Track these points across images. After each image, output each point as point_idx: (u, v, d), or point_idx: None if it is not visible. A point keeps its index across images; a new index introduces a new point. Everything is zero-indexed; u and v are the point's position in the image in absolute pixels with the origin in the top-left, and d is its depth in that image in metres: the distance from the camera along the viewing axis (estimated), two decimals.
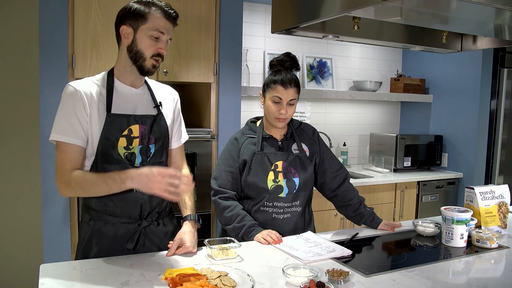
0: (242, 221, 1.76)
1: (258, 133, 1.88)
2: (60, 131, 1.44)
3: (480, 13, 1.57)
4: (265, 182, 1.81)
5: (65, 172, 1.43)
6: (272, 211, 1.82)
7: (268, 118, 1.86)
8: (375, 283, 1.33)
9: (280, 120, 1.81)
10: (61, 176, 1.44)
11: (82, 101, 1.44)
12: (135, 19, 1.46)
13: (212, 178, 1.88)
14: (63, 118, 1.44)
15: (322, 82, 3.83)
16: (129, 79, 1.54)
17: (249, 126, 1.93)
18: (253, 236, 1.72)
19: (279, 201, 1.82)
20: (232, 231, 1.79)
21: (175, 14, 1.51)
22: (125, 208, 1.52)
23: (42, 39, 2.29)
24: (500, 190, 1.94)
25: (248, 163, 1.83)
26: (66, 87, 1.46)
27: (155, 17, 1.46)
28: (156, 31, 1.46)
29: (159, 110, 1.60)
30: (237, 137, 1.90)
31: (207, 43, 2.71)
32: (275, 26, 1.83)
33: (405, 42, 2.07)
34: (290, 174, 1.84)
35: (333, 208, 2.06)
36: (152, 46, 1.47)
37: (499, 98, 3.64)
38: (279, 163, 1.83)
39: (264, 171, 1.81)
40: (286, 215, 1.84)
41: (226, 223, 1.81)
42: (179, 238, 1.54)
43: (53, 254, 2.37)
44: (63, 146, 1.44)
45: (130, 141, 1.50)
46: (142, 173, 1.33)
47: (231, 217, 1.78)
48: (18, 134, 2.87)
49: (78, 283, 1.28)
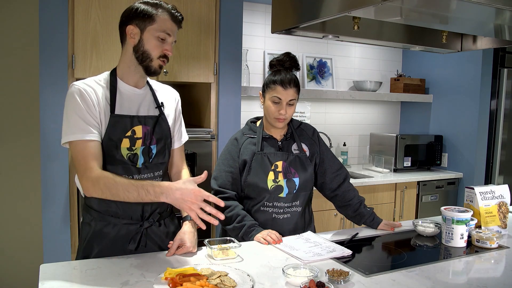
0: (242, 221, 1.76)
1: (258, 133, 1.88)
2: (74, 130, 1.41)
3: (480, 13, 1.57)
4: (265, 182, 1.81)
5: (92, 170, 1.38)
6: (272, 211, 1.82)
7: (267, 118, 1.86)
8: (375, 283, 1.33)
9: (279, 120, 1.81)
10: (87, 174, 1.39)
11: (90, 98, 1.43)
12: (143, 19, 1.46)
13: (212, 178, 1.88)
14: (75, 117, 1.41)
15: (322, 82, 3.83)
16: (133, 79, 1.54)
17: (249, 126, 1.93)
18: (253, 236, 1.72)
19: (279, 201, 1.82)
20: (232, 231, 1.79)
21: (181, 17, 1.52)
22: (127, 209, 1.52)
23: (42, 39, 2.29)
24: (500, 190, 1.94)
25: (248, 163, 1.83)
26: (71, 87, 1.45)
27: (162, 19, 1.47)
28: (163, 32, 1.47)
29: (161, 110, 1.60)
30: (237, 137, 1.90)
31: (207, 43, 2.71)
32: (275, 26, 1.83)
33: (405, 42, 2.07)
34: (290, 174, 1.84)
35: (333, 208, 2.06)
36: (158, 47, 1.48)
37: (499, 98, 3.64)
38: (279, 163, 1.83)
39: (264, 171, 1.81)
40: (286, 215, 1.84)
41: (226, 223, 1.81)
42: (179, 238, 1.54)
43: (53, 254, 2.37)
44: (80, 144, 1.40)
45: (133, 142, 1.50)
46: (176, 189, 1.34)
47: (231, 217, 1.78)
48: (18, 134, 2.87)
49: (78, 283, 1.28)
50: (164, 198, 1.35)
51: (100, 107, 1.45)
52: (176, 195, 1.34)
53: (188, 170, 1.76)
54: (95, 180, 1.38)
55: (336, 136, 3.99)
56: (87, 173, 1.39)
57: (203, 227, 1.39)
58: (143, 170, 1.53)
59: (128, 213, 1.52)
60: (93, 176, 1.38)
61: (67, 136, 1.42)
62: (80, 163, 1.41)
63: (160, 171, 1.59)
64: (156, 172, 1.57)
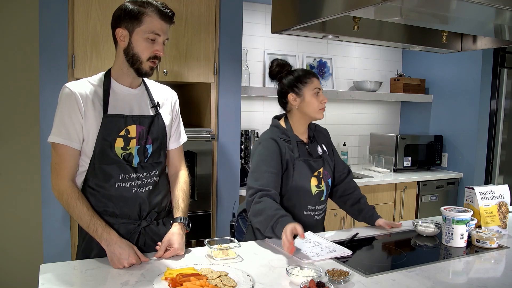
0: (277, 210, 1.63)
1: (292, 137, 1.85)
2: (57, 133, 1.45)
3: (480, 13, 1.57)
4: (309, 187, 1.83)
5: (62, 180, 1.45)
6: (314, 214, 1.88)
7: (310, 114, 1.83)
8: (375, 283, 1.33)
9: (323, 109, 1.86)
10: (57, 182, 1.46)
11: (77, 102, 1.44)
12: (130, 21, 1.44)
13: (251, 177, 1.76)
14: (59, 120, 1.45)
15: (322, 82, 3.83)
16: (127, 81, 1.54)
17: (281, 129, 1.87)
18: (286, 222, 1.55)
19: (320, 204, 1.88)
20: (262, 220, 1.63)
21: (171, 13, 1.48)
22: (124, 208, 1.52)
23: (42, 39, 2.29)
24: (500, 190, 1.94)
25: (290, 168, 1.79)
26: (62, 89, 1.47)
27: (150, 18, 1.44)
28: (152, 33, 1.44)
29: (156, 110, 1.59)
30: (275, 139, 1.80)
31: (207, 43, 2.71)
32: (275, 26, 1.83)
33: (405, 42, 2.07)
34: (326, 177, 1.89)
35: (333, 208, 2.07)
36: (148, 48, 1.46)
37: (499, 98, 3.64)
38: (320, 169, 1.87)
39: (307, 177, 1.83)
40: (322, 215, 1.93)
41: (257, 213, 1.66)
42: (167, 239, 1.52)
43: (53, 254, 2.37)
44: (58, 148, 1.46)
45: (127, 141, 1.50)
46: (120, 247, 1.40)
47: (264, 209, 1.63)
48: (18, 134, 2.87)
49: (78, 283, 1.28)
50: (104, 245, 1.41)
51: (89, 109, 1.46)
52: (115, 251, 1.39)
53: (187, 171, 1.74)
54: (60, 192, 1.46)
55: (336, 136, 3.99)
56: (57, 180, 1.46)
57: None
58: (139, 170, 1.53)
59: (125, 213, 1.52)
60: (61, 188, 1.46)
61: (51, 136, 1.46)
62: (55, 167, 1.47)
63: (156, 171, 1.59)
64: (152, 171, 1.57)
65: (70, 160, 1.47)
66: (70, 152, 1.46)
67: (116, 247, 1.40)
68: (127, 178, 1.51)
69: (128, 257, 1.39)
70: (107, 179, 1.49)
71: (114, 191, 1.50)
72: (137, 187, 1.53)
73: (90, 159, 1.48)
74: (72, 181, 1.48)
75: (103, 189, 1.49)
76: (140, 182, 1.53)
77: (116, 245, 1.40)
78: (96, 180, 1.49)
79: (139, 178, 1.53)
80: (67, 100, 1.45)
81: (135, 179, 1.52)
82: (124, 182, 1.50)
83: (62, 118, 1.45)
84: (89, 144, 1.47)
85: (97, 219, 1.44)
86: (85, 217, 1.43)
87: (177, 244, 1.51)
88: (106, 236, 1.41)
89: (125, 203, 1.51)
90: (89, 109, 1.46)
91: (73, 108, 1.44)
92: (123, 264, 1.38)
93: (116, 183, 1.49)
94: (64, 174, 1.46)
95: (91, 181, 1.50)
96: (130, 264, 1.39)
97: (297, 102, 1.83)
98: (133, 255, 1.41)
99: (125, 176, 1.50)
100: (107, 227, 1.44)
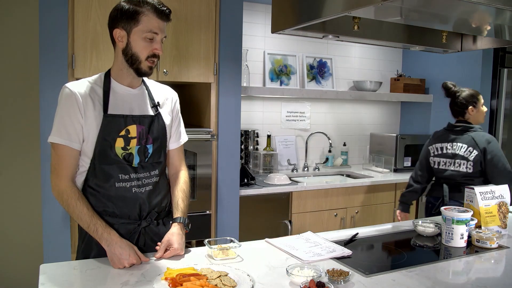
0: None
1: None
2: (57, 133, 1.45)
3: (480, 13, 1.57)
4: None
5: (62, 181, 1.46)
6: None
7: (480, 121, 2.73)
8: (375, 283, 1.33)
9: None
10: (56, 182, 1.46)
11: (77, 103, 1.44)
12: (127, 21, 1.44)
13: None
14: (59, 120, 1.46)
15: (322, 82, 3.83)
16: (126, 81, 1.54)
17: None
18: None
19: None
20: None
21: (168, 11, 1.48)
22: (124, 208, 1.52)
23: (42, 39, 2.29)
24: (500, 190, 1.94)
25: None
26: (62, 89, 1.47)
27: (147, 18, 1.44)
28: (150, 32, 1.45)
29: (157, 110, 1.59)
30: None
31: (207, 43, 2.71)
32: (275, 26, 1.83)
33: (405, 42, 2.07)
34: None
35: (333, 208, 2.06)
36: (146, 48, 1.46)
37: (499, 98, 3.64)
38: None
39: None
40: None
41: None
42: (167, 239, 1.52)
43: (53, 254, 2.37)
44: (58, 148, 1.46)
45: (128, 141, 1.50)
46: (120, 247, 1.40)
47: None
48: (18, 134, 2.87)
49: (78, 283, 1.29)
50: (105, 245, 1.41)
51: (89, 109, 1.46)
52: (115, 251, 1.40)
53: (187, 172, 1.74)
54: (60, 192, 1.46)
55: (336, 136, 3.99)
56: (57, 180, 1.46)
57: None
58: (139, 170, 1.53)
59: (125, 213, 1.52)
60: (60, 188, 1.46)
61: (50, 136, 1.46)
62: (55, 167, 1.47)
63: (157, 171, 1.59)
64: (152, 171, 1.57)
65: (70, 161, 1.47)
66: (70, 153, 1.46)
67: (116, 247, 1.40)
68: (127, 178, 1.51)
69: (128, 257, 1.39)
70: (107, 179, 1.49)
71: (114, 191, 1.50)
72: (137, 187, 1.53)
73: (90, 159, 1.48)
74: (72, 181, 1.48)
75: (103, 189, 1.50)
76: (140, 182, 1.53)
77: (117, 245, 1.40)
78: (96, 180, 1.49)
79: (139, 178, 1.53)
80: (67, 100, 1.45)
81: (135, 179, 1.52)
82: (124, 182, 1.51)
83: (62, 118, 1.45)
84: (89, 144, 1.47)
85: (97, 219, 1.44)
86: (85, 217, 1.43)
87: (177, 244, 1.51)
88: (106, 236, 1.42)
89: (125, 203, 1.51)
90: (89, 109, 1.46)
91: (73, 108, 1.44)
92: (123, 264, 1.38)
93: (116, 183, 1.50)
94: (64, 174, 1.46)
95: (91, 181, 1.50)
96: (130, 264, 1.39)
97: (474, 112, 2.64)
98: (134, 255, 1.41)
99: (125, 176, 1.50)
100: (108, 227, 1.44)
